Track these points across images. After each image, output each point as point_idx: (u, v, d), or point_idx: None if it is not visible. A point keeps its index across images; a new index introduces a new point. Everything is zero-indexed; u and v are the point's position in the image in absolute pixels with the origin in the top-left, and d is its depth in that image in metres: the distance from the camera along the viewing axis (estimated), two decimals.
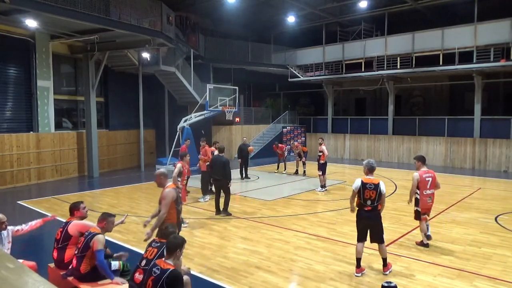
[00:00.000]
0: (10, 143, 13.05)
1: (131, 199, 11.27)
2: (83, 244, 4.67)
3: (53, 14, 11.07)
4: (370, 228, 5.72)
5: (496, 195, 11.88)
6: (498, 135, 17.59)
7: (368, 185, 5.62)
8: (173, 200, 5.50)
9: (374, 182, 5.64)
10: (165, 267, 3.75)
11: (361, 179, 5.74)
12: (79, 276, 4.65)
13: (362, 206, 5.67)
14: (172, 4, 16.95)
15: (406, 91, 23.80)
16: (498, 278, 5.59)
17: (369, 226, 5.71)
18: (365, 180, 5.68)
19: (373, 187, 5.59)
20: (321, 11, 21.00)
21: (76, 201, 5.48)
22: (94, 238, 4.63)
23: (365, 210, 5.65)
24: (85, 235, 4.77)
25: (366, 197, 5.60)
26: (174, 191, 5.56)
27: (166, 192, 5.48)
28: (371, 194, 5.58)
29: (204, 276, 5.73)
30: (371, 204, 5.60)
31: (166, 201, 5.43)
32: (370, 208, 5.62)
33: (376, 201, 5.60)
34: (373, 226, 5.70)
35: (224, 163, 9.12)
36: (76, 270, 4.66)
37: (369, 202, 5.60)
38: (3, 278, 1.67)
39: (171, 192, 5.50)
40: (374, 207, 5.62)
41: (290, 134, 23.30)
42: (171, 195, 5.48)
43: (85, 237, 4.73)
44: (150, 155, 19.43)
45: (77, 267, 4.65)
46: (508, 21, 16.22)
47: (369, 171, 5.85)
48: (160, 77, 18.30)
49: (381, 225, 5.80)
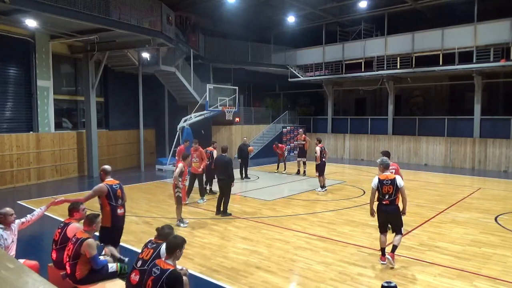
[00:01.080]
0: (10, 143, 13.04)
1: (131, 199, 11.22)
2: (73, 251, 4.57)
3: (53, 14, 11.07)
4: (390, 221, 6.17)
5: (496, 195, 11.87)
6: (498, 135, 17.59)
7: (385, 181, 6.04)
8: (104, 195, 5.62)
9: (390, 177, 6.10)
10: (165, 267, 3.75)
11: (378, 176, 6.15)
12: (77, 281, 4.60)
13: (381, 201, 6.07)
14: (172, 4, 16.94)
15: (406, 91, 23.81)
16: (498, 278, 5.59)
17: (389, 218, 6.13)
18: (381, 177, 6.10)
19: (390, 182, 6.02)
20: (321, 11, 21.00)
21: (75, 202, 5.43)
22: (84, 245, 4.52)
23: (384, 204, 6.04)
24: (73, 241, 4.65)
25: (384, 192, 6.02)
26: (106, 186, 5.65)
27: (98, 185, 5.73)
28: (388, 189, 6.00)
29: (204, 276, 5.73)
30: (388, 198, 6.01)
31: (90, 192, 5.74)
32: (388, 202, 6.02)
33: (394, 195, 6.01)
34: (392, 218, 6.12)
35: (227, 163, 9.13)
36: (72, 276, 4.61)
37: (387, 196, 6.01)
38: (3, 278, 1.67)
39: (100, 186, 5.67)
40: (392, 200, 6.03)
41: (290, 134, 23.31)
42: (99, 188, 5.65)
43: (73, 244, 4.61)
44: (150, 155, 19.43)
45: (72, 273, 4.59)
46: (508, 21, 16.23)
47: (384, 168, 6.24)
48: (160, 77, 18.29)
49: (400, 218, 6.16)
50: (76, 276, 4.57)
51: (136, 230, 7.98)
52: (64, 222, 5.25)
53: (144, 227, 8.29)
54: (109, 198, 5.61)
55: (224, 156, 9.36)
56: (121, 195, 5.77)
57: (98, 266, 4.60)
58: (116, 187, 5.75)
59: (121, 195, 5.79)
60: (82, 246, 4.53)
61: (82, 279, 4.58)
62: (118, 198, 5.71)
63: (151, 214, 9.39)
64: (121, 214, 5.76)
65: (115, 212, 5.65)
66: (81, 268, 4.56)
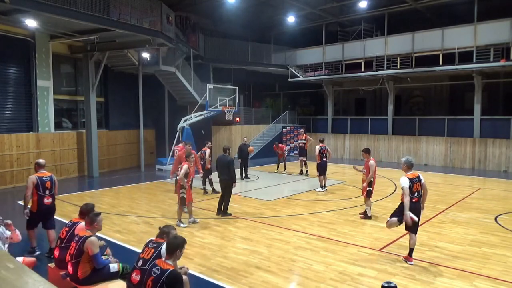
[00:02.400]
0: (10, 143, 13.05)
1: (131, 199, 11.27)
2: (76, 249, 4.58)
3: (53, 14, 11.06)
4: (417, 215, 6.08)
5: (496, 195, 11.87)
6: (498, 135, 17.59)
7: (414, 179, 6.11)
8: (33, 185, 6.29)
9: (416, 175, 6.20)
10: (165, 267, 3.76)
11: (406, 176, 6.13)
12: (78, 282, 4.60)
13: (410, 199, 6.01)
14: (172, 4, 16.94)
15: (406, 91, 23.81)
16: (498, 278, 5.60)
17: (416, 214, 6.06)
18: (410, 176, 6.13)
19: (417, 180, 6.14)
20: (321, 11, 21.00)
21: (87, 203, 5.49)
22: (86, 242, 4.54)
23: (413, 202, 6.05)
24: (75, 240, 4.68)
25: (414, 190, 6.07)
26: (35, 178, 6.33)
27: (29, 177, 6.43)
28: (417, 187, 6.10)
29: (204, 276, 5.73)
30: (417, 195, 6.11)
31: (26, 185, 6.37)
32: (417, 199, 6.12)
33: (421, 192, 6.15)
34: (419, 215, 6.12)
35: (228, 163, 9.11)
36: (74, 276, 4.60)
37: (416, 194, 6.08)
38: (3, 278, 1.67)
39: (30, 177, 6.37)
40: (419, 197, 6.17)
41: (290, 134, 23.31)
42: (29, 179, 6.34)
43: (76, 242, 4.64)
44: (150, 155, 19.42)
45: (74, 273, 4.58)
46: (508, 21, 16.23)
47: (408, 168, 6.28)
48: (160, 77, 18.29)
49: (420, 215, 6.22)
50: (79, 276, 4.56)
51: (136, 230, 7.98)
52: (72, 221, 5.26)
53: (144, 227, 8.29)
54: (37, 188, 6.32)
55: (226, 156, 9.33)
56: (50, 186, 6.42)
57: (99, 264, 4.60)
58: (46, 179, 6.42)
59: (50, 186, 6.44)
60: (85, 243, 4.54)
61: (84, 279, 4.57)
62: (46, 188, 6.39)
63: (151, 214, 9.39)
64: (47, 203, 6.43)
65: (42, 200, 6.37)
66: (83, 267, 4.55)
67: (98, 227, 4.84)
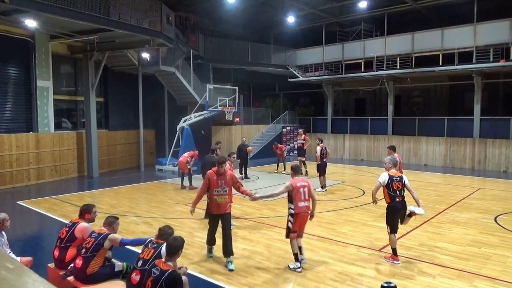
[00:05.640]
0: (9, 143, 13.04)
1: (131, 199, 11.27)
2: (94, 244, 4.68)
3: (53, 14, 11.06)
4: (401, 216, 6.26)
5: (496, 195, 11.88)
6: (497, 135, 17.60)
7: (395, 177, 6.24)
8: None
9: (398, 174, 6.34)
10: (165, 268, 3.76)
11: (387, 173, 6.29)
12: (83, 278, 4.62)
13: (394, 198, 6.17)
14: (172, 4, 16.94)
15: (406, 91, 23.80)
16: (498, 278, 5.60)
17: (400, 214, 6.24)
18: (391, 174, 6.28)
19: (399, 179, 6.24)
20: (321, 11, 21.01)
21: (88, 204, 5.51)
22: (109, 237, 4.74)
23: (398, 201, 6.18)
24: (94, 236, 4.77)
25: (395, 188, 6.17)
26: None
27: None
28: (398, 185, 6.19)
29: (204, 276, 5.73)
30: (400, 194, 6.19)
31: None
32: (401, 198, 6.20)
33: (403, 191, 6.22)
34: (403, 213, 6.27)
35: (214, 164, 9.09)
36: (81, 272, 4.62)
37: (398, 193, 6.18)
38: (3, 278, 1.67)
39: None
40: (403, 196, 6.23)
41: (290, 134, 23.30)
42: None
43: (95, 238, 4.73)
44: (150, 155, 19.43)
45: (82, 268, 4.60)
46: (508, 21, 16.23)
47: (393, 165, 6.43)
48: (160, 77, 18.29)
49: None
50: (86, 272, 4.60)
51: (136, 230, 7.98)
52: (72, 222, 5.28)
53: (144, 227, 8.29)
54: None
55: (212, 156, 9.39)
56: None
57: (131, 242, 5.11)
58: None
59: None
60: (107, 238, 4.72)
61: (92, 274, 4.61)
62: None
63: (151, 214, 9.39)
64: None
65: None
66: (96, 262, 4.65)
67: (115, 229, 5.04)
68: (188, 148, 14.75)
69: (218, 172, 6.25)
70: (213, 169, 6.38)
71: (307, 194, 6.04)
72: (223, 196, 6.19)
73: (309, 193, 6.05)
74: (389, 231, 6.25)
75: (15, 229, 7.79)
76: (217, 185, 6.17)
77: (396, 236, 6.29)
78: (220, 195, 6.17)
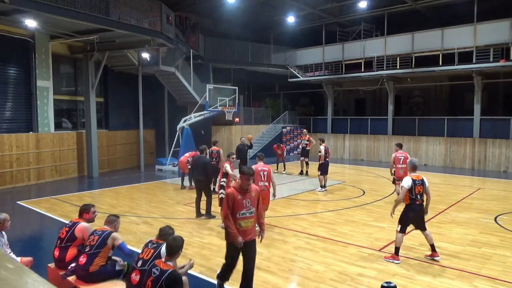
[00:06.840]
0: (9, 143, 13.04)
1: (131, 199, 11.27)
2: (98, 241, 4.71)
3: (53, 14, 11.06)
4: (418, 219, 6.32)
5: (496, 195, 11.87)
6: (497, 135, 17.59)
7: (417, 181, 6.25)
8: None
9: (420, 178, 6.32)
10: (165, 268, 3.76)
11: (410, 177, 6.29)
12: (85, 276, 4.62)
13: (414, 201, 6.22)
14: (172, 4, 16.94)
15: (406, 91, 23.80)
16: (498, 278, 5.60)
17: (418, 217, 6.30)
18: (413, 178, 6.28)
19: (420, 183, 6.26)
20: (321, 11, 21.01)
21: (87, 204, 5.50)
22: (112, 235, 4.77)
23: (417, 204, 6.23)
24: (98, 234, 4.80)
25: (417, 192, 6.21)
26: None
27: None
28: (420, 189, 6.22)
29: (204, 276, 5.73)
30: (420, 198, 6.23)
31: None
32: (420, 201, 6.24)
33: (423, 195, 6.29)
34: (422, 216, 6.34)
35: (205, 164, 9.13)
36: (83, 269, 4.63)
37: (419, 197, 6.22)
38: (3, 278, 1.67)
39: None
40: (422, 200, 6.28)
41: (290, 134, 23.29)
42: None
43: (99, 236, 4.76)
44: (150, 155, 19.42)
45: (85, 266, 4.61)
46: (508, 21, 16.23)
47: (412, 169, 6.43)
48: (160, 77, 18.28)
49: None
50: (89, 269, 4.60)
51: (136, 231, 7.98)
52: (72, 222, 5.28)
53: (144, 227, 8.29)
54: None
55: (203, 157, 9.40)
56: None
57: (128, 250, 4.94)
58: None
59: None
60: (110, 236, 4.75)
61: (93, 272, 4.61)
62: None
63: (151, 214, 9.39)
64: None
65: None
66: (100, 259, 4.66)
67: (116, 228, 5.06)
68: (188, 148, 14.75)
69: (242, 187, 4.72)
70: (233, 186, 4.94)
71: (266, 177, 7.58)
72: (250, 219, 4.75)
73: (268, 176, 7.58)
74: (398, 230, 6.29)
75: (15, 229, 7.78)
76: (241, 206, 4.68)
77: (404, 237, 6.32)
78: (245, 219, 4.72)
